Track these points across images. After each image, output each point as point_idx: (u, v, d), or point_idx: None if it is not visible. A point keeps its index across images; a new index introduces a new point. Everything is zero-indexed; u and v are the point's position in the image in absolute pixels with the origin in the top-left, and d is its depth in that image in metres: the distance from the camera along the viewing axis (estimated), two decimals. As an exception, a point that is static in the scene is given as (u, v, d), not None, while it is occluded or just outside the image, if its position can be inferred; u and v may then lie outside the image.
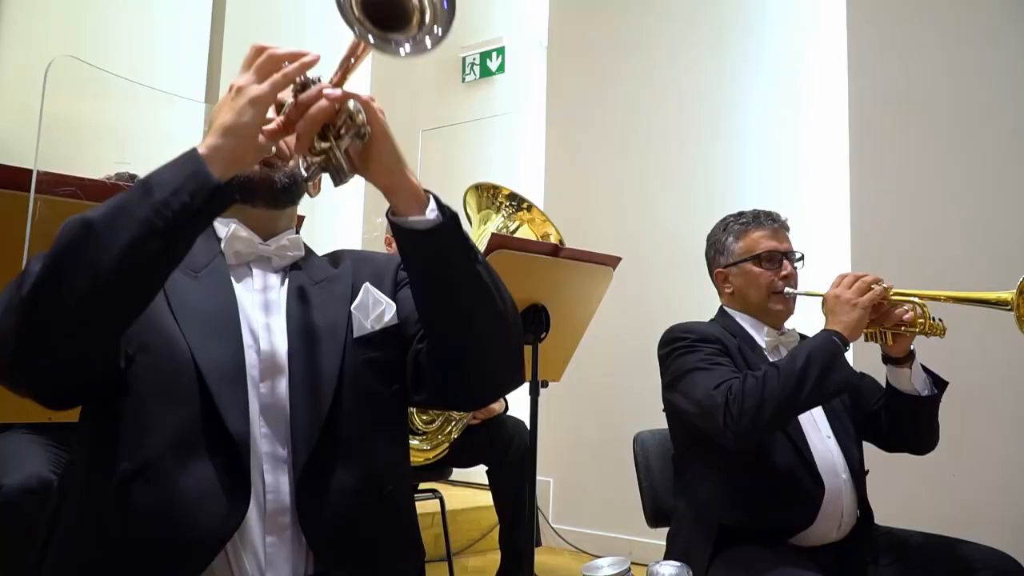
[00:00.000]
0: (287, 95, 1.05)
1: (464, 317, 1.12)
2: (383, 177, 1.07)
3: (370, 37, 0.96)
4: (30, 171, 1.32)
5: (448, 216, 1.07)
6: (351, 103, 1.04)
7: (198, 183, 0.96)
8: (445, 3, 0.98)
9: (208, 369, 1.08)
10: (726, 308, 2.08)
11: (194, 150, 0.99)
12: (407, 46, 0.98)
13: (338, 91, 1.03)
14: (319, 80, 1.05)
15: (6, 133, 3.95)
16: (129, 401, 1.05)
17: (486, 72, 4.77)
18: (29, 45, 4.43)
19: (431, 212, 1.07)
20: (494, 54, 4.75)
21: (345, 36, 1.01)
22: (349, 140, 1.04)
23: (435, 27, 0.99)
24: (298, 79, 1.03)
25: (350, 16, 0.95)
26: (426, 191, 1.09)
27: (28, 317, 0.93)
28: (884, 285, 1.79)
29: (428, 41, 0.99)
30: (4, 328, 0.94)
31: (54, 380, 1.00)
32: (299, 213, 1.33)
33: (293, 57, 1.02)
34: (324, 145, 1.04)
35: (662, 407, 2.03)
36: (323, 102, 1.01)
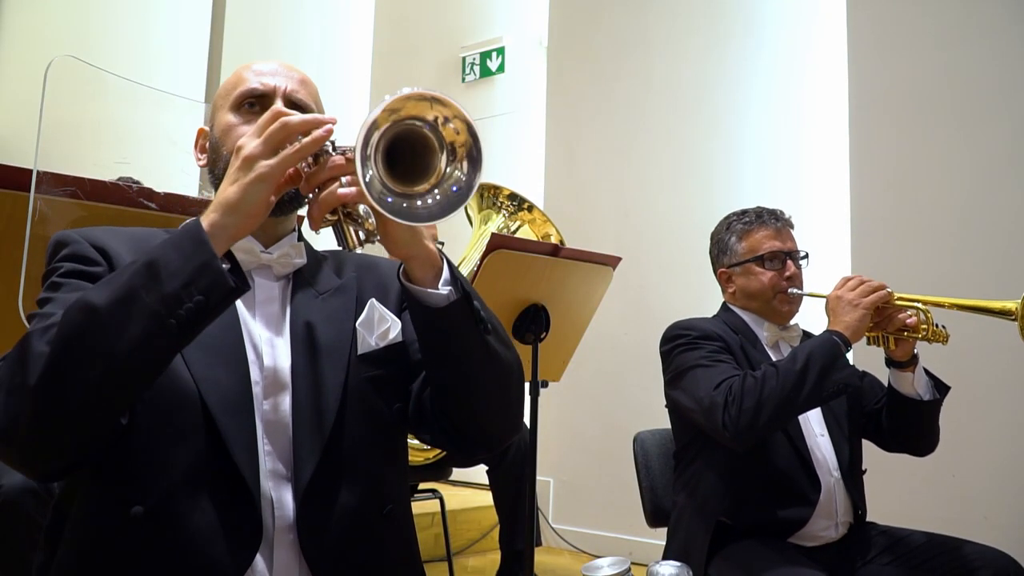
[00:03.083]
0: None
1: (470, 385, 1.11)
2: (398, 250, 1.04)
3: (389, 199, 0.93)
4: (30, 171, 1.31)
5: (461, 294, 1.05)
6: (361, 208, 1.02)
7: (211, 280, 0.93)
8: (455, 187, 0.95)
9: (213, 399, 1.06)
10: (729, 304, 2.08)
11: (199, 227, 0.95)
12: (419, 203, 0.95)
13: (351, 192, 0.98)
14: (333, 147, 1.01)
15: (6, 133, 3.95)
16: (136, 439, 1.03)
17: (486, 72, 4.77)
18: (29, 45, 4.43)
19: (444, 286, 1.05)
20: (494, 54, 4.75)
21: (343, 40, 0.99)
22: (357, 227, 1.02)
23: (436, 193, 0.95)
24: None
25: (380, 190, 0.92)
26: (442, 255, 1.07)
27: (37, 407, 0.91)
28: (887, 290, 1.80)
29: (430, 199, 0.96)
30: (10, 414, 0.92)
31: (57, 460, 0.98)
32: (300, 213, 1.32)
33: (307, 127, 0.98)
34: (332, 218, 1.02)
35: (664, 404, 2.04)
36: (334, 193, 0.99)
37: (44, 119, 1.33)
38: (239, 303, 1.15)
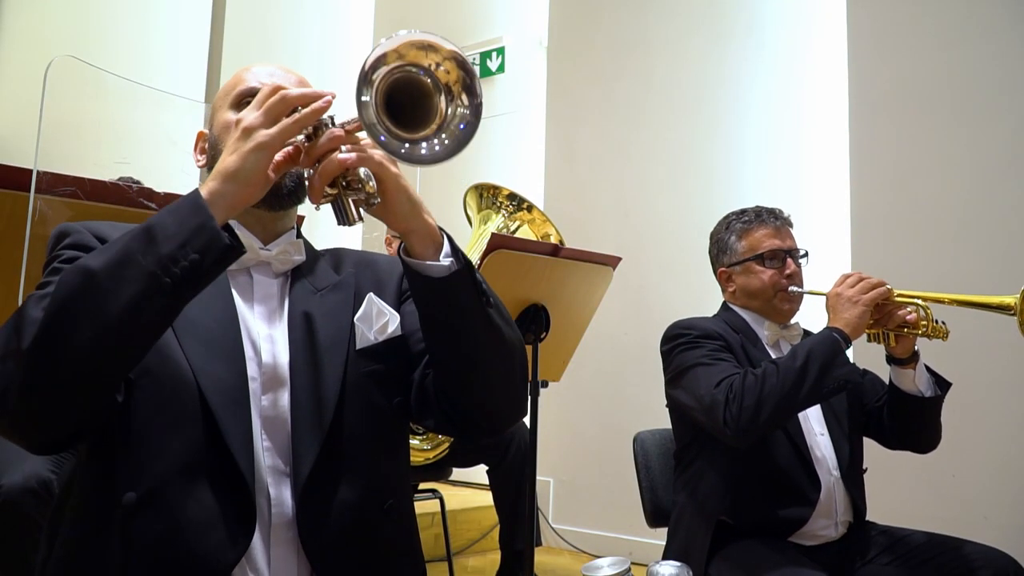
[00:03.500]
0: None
1: (472, 360, 1.11)
2: (398, 223, 1.04)
3: (381, 138, 0.93)
4: (30, 171, 1.32)
5: (463, 264, 1.05)
6: (362, 170, 1.01)
7: (207, 239, 0.93)
8: (462, 124, 0.96)
9: (211, 391, 1.05)
10: (729, 304, 2.08)
11: (197, 194, 0.96)
12: (423, 147, 0.95)
13: (351, 156, 0.99)
14: (332, 122, 1.01)
15: (6, 133, 3.95)
16: (132, 425, 1.03)
17: (486, 72, 4.77)
18: (29, 45, 4.43)
19: (445, 258, 1.05)
20: (494, 54, 4.76)
21: (343, 40, 0.99)
22: (357, 196, 1.02)
23: (443, 136, 0.96)
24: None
25: (374, 121, 0.91)
26: (441, 230, 1.07)
27: (31, 371, 0.90)
28: (887, 287, 1.80)
29: (437, 144, 0.96)
30: (4, 379, 0.91)
31: (52, 429, 0.98)
32: (299, 213, 1.33)
33: (306, 100, 0.99)
34: (331, 191, 1.01)
35: (664, 404, 2.04)
36: (334, 160, 0.99)
37: (44, 119, 1.33)
38: (237, 299, 1.15)
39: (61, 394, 0.93)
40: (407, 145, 0.94)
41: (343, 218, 1.02)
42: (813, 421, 1.92)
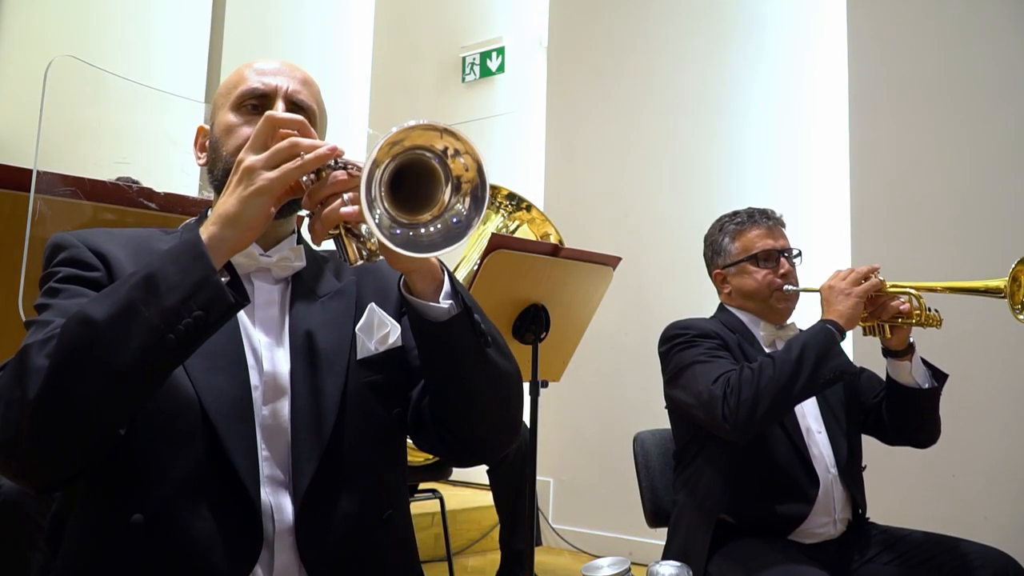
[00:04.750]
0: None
1: (470, 395, 1.11)
2: (400, 264, 1.03)
3: (397, 231, 0.93)
4: (30, 171, 1.32)
5: (462, 307, 1.04)
6: (363, 227, 1.01)
7: (211, 295, 0.93)
8: (455, 219, 0.96)
9: (214, 408, 1.05)
10: (725, 305, 2.09)
11: (198, 239, 0.95)
12: (422, 230, 0.95)
13: (354, 210, 0.97)
14: (335, 164, 1.01)
15: (6, 133, 3.95)
16: (135, 445, 1.02)
17: (486, 72, 4.77)
18: (29, 45, 4.44)
19: (445, 300, 1.04)
20: (494, 54, 4.76)
21: (343, 40, 0.99)
22: (359, 244, 1.02)
23: (438, 222, 0.96)
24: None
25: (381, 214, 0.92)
26: (443, 268, 1.07)
27: (38, 421, 0.90)
28: (879, 277, 1.82)
29: (433, 229, 0.96)
30: (9, 427, 0.91)
31: (58, 472, 0.98)
32: (300, 213, 1.32)
33: (314, 148, 0.98)
34: (334, 232, 1.01)
35: (663, 405, 2.04)
36: (336, 211, 0.98)
37: (44, 119, 1.33)
38: None
39: (66, 442, 0.93)
40: (411, 233, 0.94)
41: (344, 256, 1.02)
42: (811, 419, 1.93)
